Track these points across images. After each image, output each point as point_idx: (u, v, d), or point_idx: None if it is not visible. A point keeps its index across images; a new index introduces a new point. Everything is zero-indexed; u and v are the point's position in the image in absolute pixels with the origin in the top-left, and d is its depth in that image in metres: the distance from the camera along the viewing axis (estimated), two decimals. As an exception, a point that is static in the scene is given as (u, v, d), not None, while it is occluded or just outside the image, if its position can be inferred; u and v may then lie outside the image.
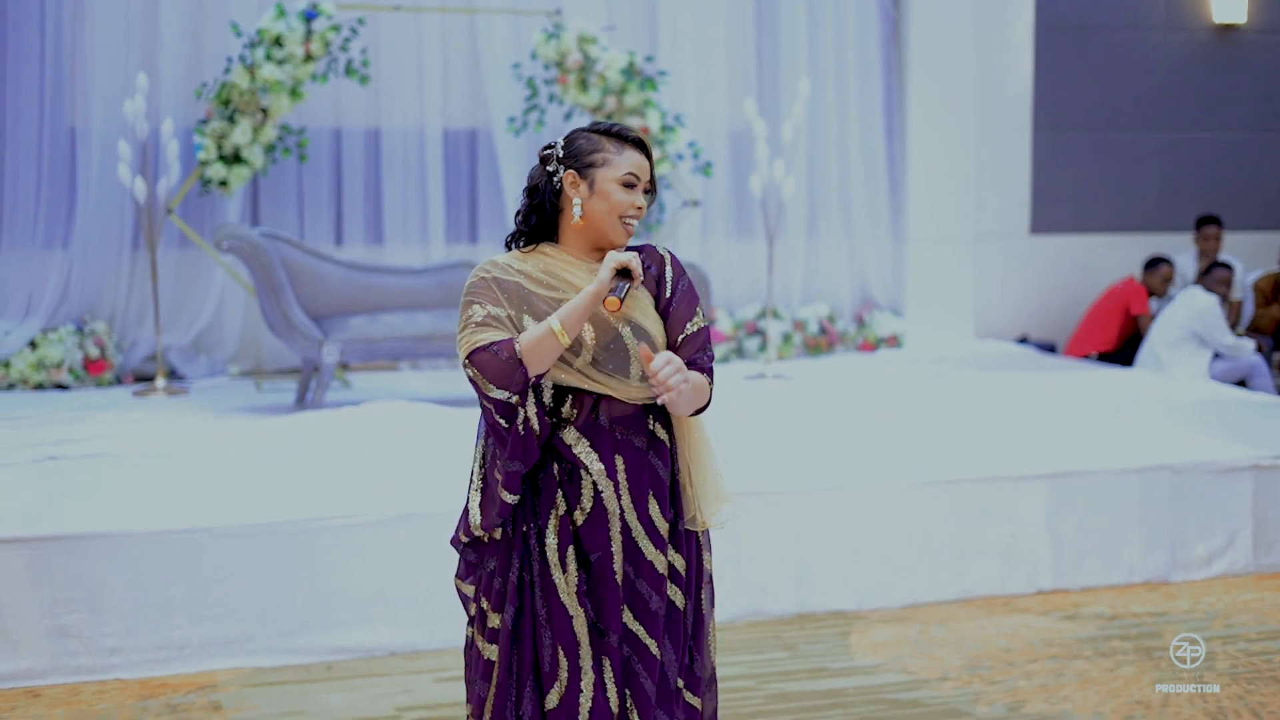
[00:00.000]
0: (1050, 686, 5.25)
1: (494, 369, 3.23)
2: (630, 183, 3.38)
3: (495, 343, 3.24)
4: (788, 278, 10.54)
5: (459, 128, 9.94)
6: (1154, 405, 8.08)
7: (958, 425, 7.44)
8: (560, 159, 3.42)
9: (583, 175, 3.38)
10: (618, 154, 3.39)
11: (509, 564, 3.40)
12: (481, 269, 3.40)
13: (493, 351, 3.23)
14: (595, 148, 3.40)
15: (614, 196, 3.37)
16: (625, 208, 3.38)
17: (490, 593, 3.42)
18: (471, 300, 3.34)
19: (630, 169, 3.39)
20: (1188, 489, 6.57)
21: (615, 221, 3.39)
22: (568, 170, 3.39)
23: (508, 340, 3.25)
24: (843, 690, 5.24)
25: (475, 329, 3.29)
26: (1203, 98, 11.58)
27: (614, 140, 3.42)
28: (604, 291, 3.25)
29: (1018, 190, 11.20)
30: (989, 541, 6.33)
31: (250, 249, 7.76)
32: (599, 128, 3.45)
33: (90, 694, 5.22)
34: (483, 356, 3.24)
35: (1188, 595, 6.34)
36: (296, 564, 5.54)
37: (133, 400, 8.41)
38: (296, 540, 5.55)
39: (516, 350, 3.23)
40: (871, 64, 10.74)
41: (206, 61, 9.30)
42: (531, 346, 3.23)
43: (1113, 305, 10.56)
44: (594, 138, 3.42)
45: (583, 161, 3.39)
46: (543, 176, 3.44)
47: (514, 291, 3.35)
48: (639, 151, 3.43)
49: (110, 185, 9.07)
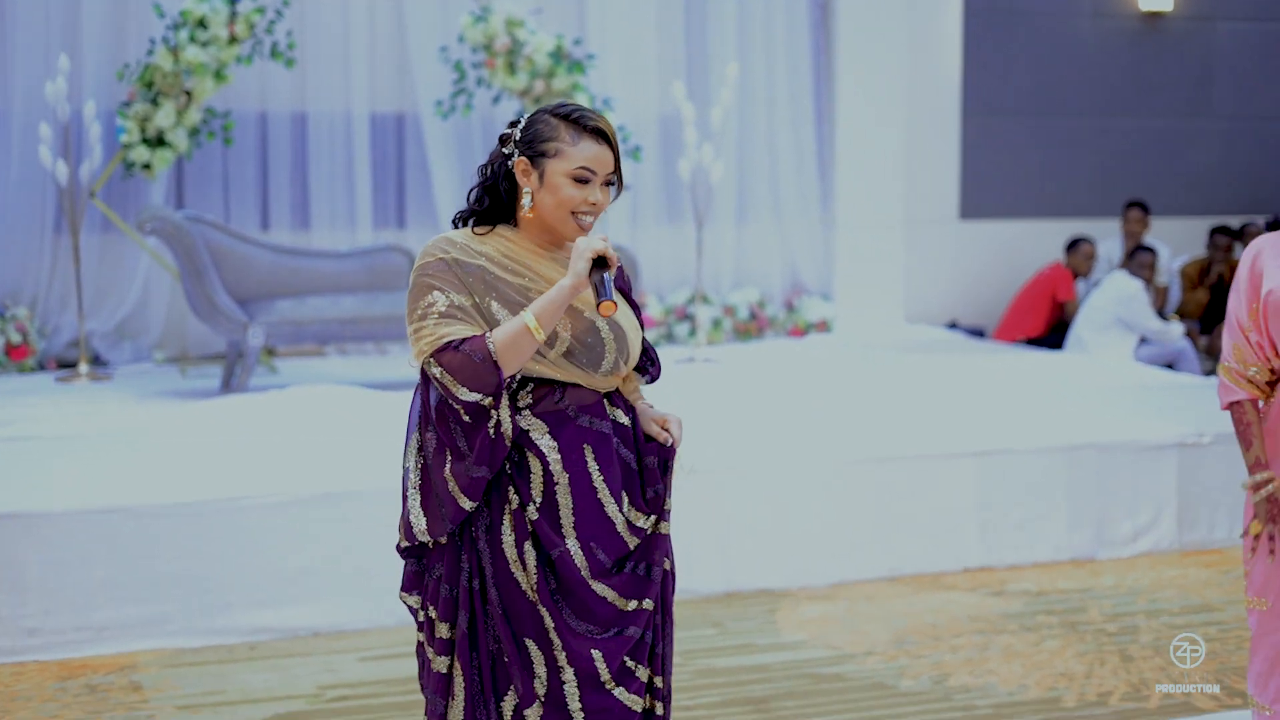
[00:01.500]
0: (975, 660, 5.27)
1: (467, 370, 2.98)
2: (583, 177, 3.10)
3: (465, 340, 3.00)
4: (717, 263, 10.52)
5: (386, 111, 9.86)
6: (1081, 387, 8.12)
7: (887, 406, 7.46)
8: (517, 142, 3.16)
9: (534, 164, 3.12)
10: (572, 144, 3.11)
11: (457, 569, 3.15)
12: (437, 247, 3.13)
13: (465, 352, 2.98)
14: (550, 135, 3.12)
15: (563, 191, 3.10)
16: (575, 203, 3.11)
17: (438, 600, 3.16)
18: (430, 284, 3.07)
19: (584, 162, 3.10)
20: (1113, 467, 6.61)
21: (566, 217, 3.12)
22: (520, 156, 3.14)
23: (479, 338, 3.01)
24: (768, 665, 5.24)
25: (439, 320, 3.03)
26: (1130, 83, 11.65)
27: (571, 128, 3.13)
28: (582, 285, 3.01)
29: (947, 175, 11.23)
30: (917, 519, 6.34)
31: (173, 230, 7.67)
32: (561, 110, 3.16)
33: (8, 675, 5.16)
34: (452, 357, 2.99)
35: (1113, 572, 6.38)
36: (218, 544, 5.49)
37: (55, 386, 8.29)
38: (218, 520, 5.49)
39: (491, 350, 2.99)
40: (801, 48, 10.73)
41: (129, 43, 9.16)
42: (506, 345, 3.00)
43: (1040, 291, 10.61)
44: (552, 123, 3.14)
45: (535, 149, 3.12)
46: (499, 158, 3.19)
47: (478, 276, 3.10)
48: (599, 141, 3.13)
49: (31, 168, 8.92)
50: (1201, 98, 11.83)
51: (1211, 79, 11.83)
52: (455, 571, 3.15)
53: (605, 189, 3.17)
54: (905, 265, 11.11)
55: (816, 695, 4.97)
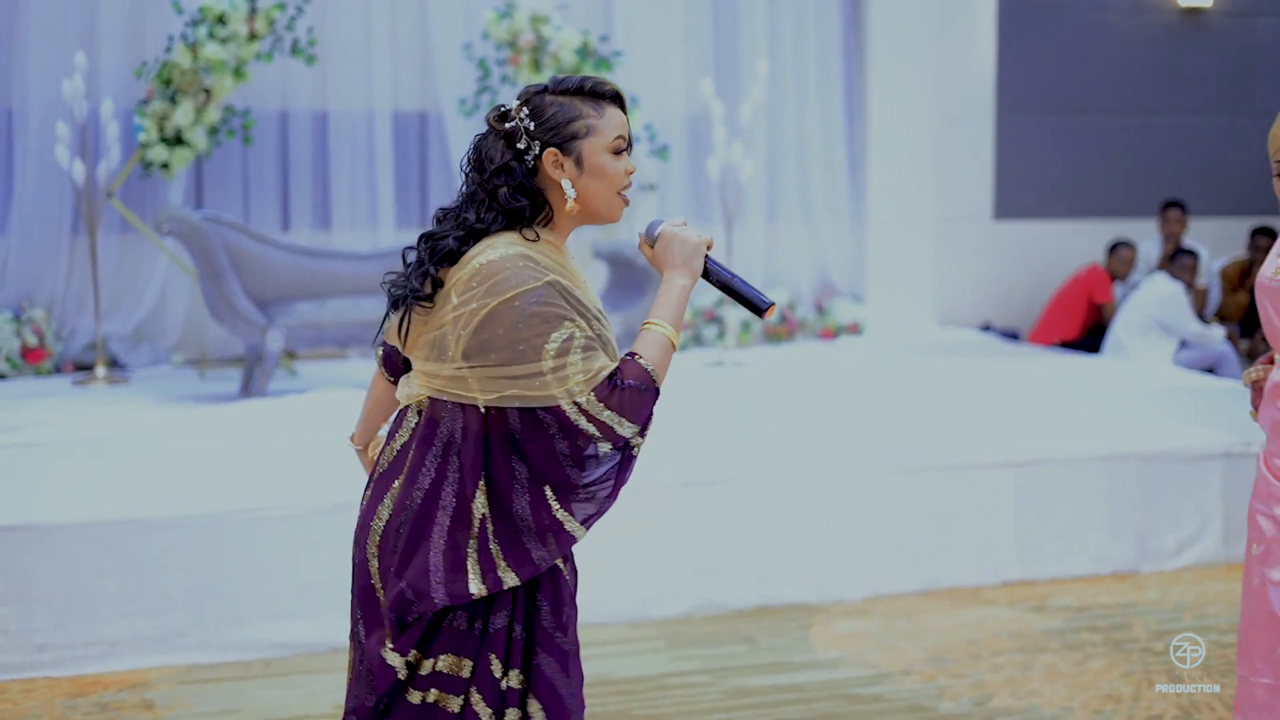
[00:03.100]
0: (1017, 680, 5.08)
1: (635, 404, 2.72)
2: (620, 148, 2.86)
3: (618, 371, 2.73)
4: (746, 263, 10.34)
5: (409, 110, 9.72)
6: (1120, 392, 7.93)
7: (920, 413, 7.28)
8: (531, 134, 2.84)
9: (566, 151, 2.83)
10: (600, 116, 2.85)
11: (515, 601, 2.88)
12: (530, 265, 2.75)
13: (630, 386, 2.72)
14: (572, 115, 2.83)
15: (609, 169, 2.84)
16: (622, 179, 2.87)
17: (504, 647, 2.85)
18: (557, 313, 2.72)
19: (618, 131, 2.86)
20: (1156, 477, 6.41)
21: (614, 198, 2.88)
22: (547, 148, 2.83)
23: (633, 364, 2.74)
24: (803, 685, 5.06)
25: (585, 355, 2.71)
26: (1168, 81, 11.44)
27: (590, 101, 2.86)
28: (696, 280, 2.83)
29: (981, 175, 11.05)
30: (953, 532, 6.15)
31: (191, 232, 7.53)
32: (565, 86, 2.87)
33: (17, 692, 5.01)
34: (621, 394, 2.71)
35: (1156, 586, 6.18)
36: (233, 556, 5.33)
37: (72, 390, 8.16)
38: (233, 531, 5.33)
39: (652, 375, 2.74)
40: (831, 45, 10.56)
41: (148, 40, 9.02)
42: (660, 365, 2.76)
43: (1076, 293, 10.43)
44: (567, 103, 2.85)
45: (563, 134, 2.83)
46: (508, 153, 2.85)
47: (576, 299, 2.78)
48: (617, 105, 2.90)
49: (48, 168, 8.79)
50: (1241, 95, 11.61)
51: (1251, 76, 11.61)
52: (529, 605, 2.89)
53: None
54: (937, 266, 10.93)
55: (855, 718, 4.78)
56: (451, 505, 2.82)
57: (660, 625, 5.66)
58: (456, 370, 2.78)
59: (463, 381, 2.78)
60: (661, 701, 4.90)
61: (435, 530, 2.83)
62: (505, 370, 2.73)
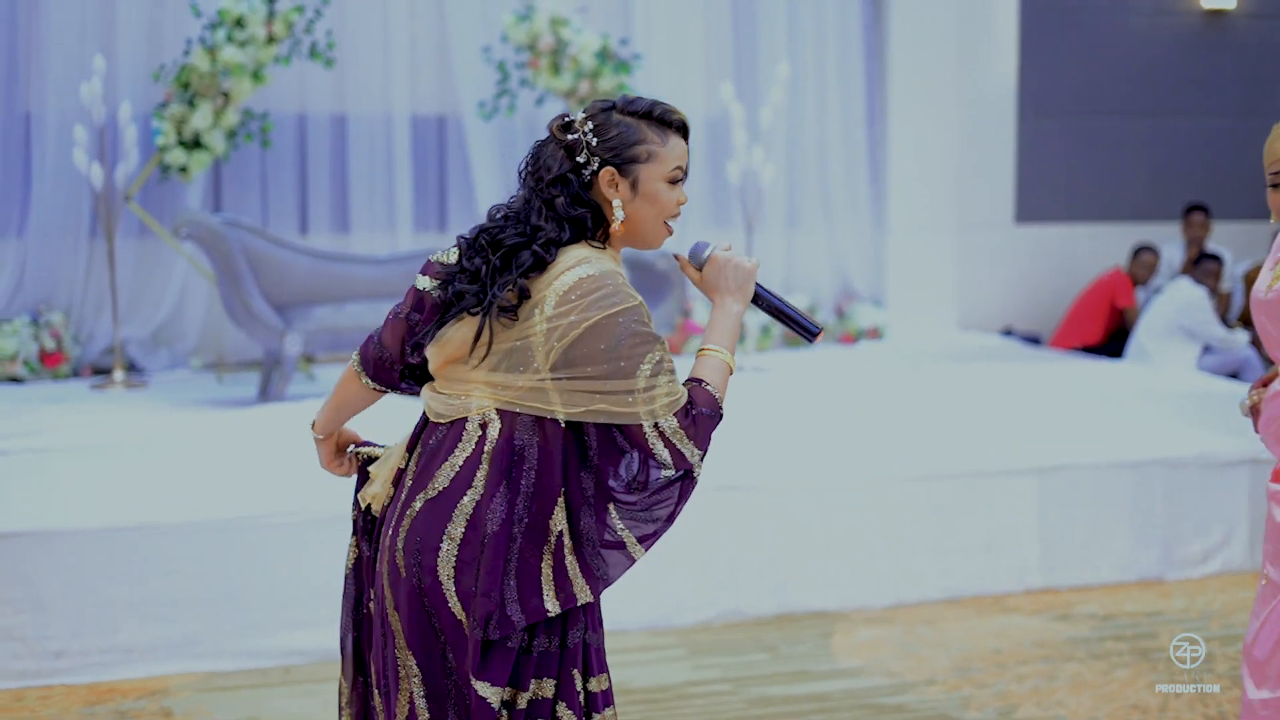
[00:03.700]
0: (1043, 690, 5.02)
1: (705, 431, 2.75)
2: (677, 178, 2.84)
3: (692, 400, 2.74)
4: (766, 268, 10.29)
5: (427, 113, 9.68)
6: (1143, 398, 7.85)
7: (942, 419, 7.22)
8: (592, 149, 2.81)
9: (624, 173, 2.81)
10: (663, 144, 2.82)
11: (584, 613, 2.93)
12: (625, 283, 2.78)
13: (703, 412, 2.74)
14: (636, 138, 2.81)
15: (662, 198, 2.83)
16: (671, 209, 2.85)
17: (586, 657, 2.90)
18: (652, 334, 2.73)
19: (678, 161, 2.83)
20: (1182, 484, 6.34)
21: (660, 226, 2.86)
22: (605, 166, 2.81)
23: (703, 390, 2.77)
24: (827, 694, 5.00)
25: (671, 379, 2.72)
26: (1191, 83, 11.36)
27: (657, 127, 2.83)
28: (747, 305, 2.86)
29: (1002, 178, 10.98)
30: (976, 539, 6.09)
31: (209, 236, 7.50)
32: (636, 108, 2.84)
33: (34, 700, 4.98)
34: (694, 422, 2.73)
35: (1183, 594, 6.11)
36: (251, 562, 5.29)
37: (90, 394, 8.14)
38: (251, 537, 5.29)
39: (719, 402, 2.77)
40: (852, 47, 10.50)
41: (166, 43, 9.00)
42: (723, 390, 2.79)
43: (1098, 297, 10.36)
44: (633, 125, 2.82)
45: (624, 156, 2.80)
46: (567, 164, 2.82)
47: None
48: (681, 136, 2.86)
49: (66, 172, 8.77)
50: (1265, 97, 11.52)
51: (1275, 78, 11.53)
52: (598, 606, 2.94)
53: None
54: (959, 270, 10.87)
55: (877, 728, 4.74)
56: (525, 522, 2.78)
57: (681, 633, 5.61)
58: (539, 382, 2.74)
59: (543, 394, 2.75)
60: (683, 711, 4.85)
61: (511, 548, 2.78)
62: (601, 385, 2.70)
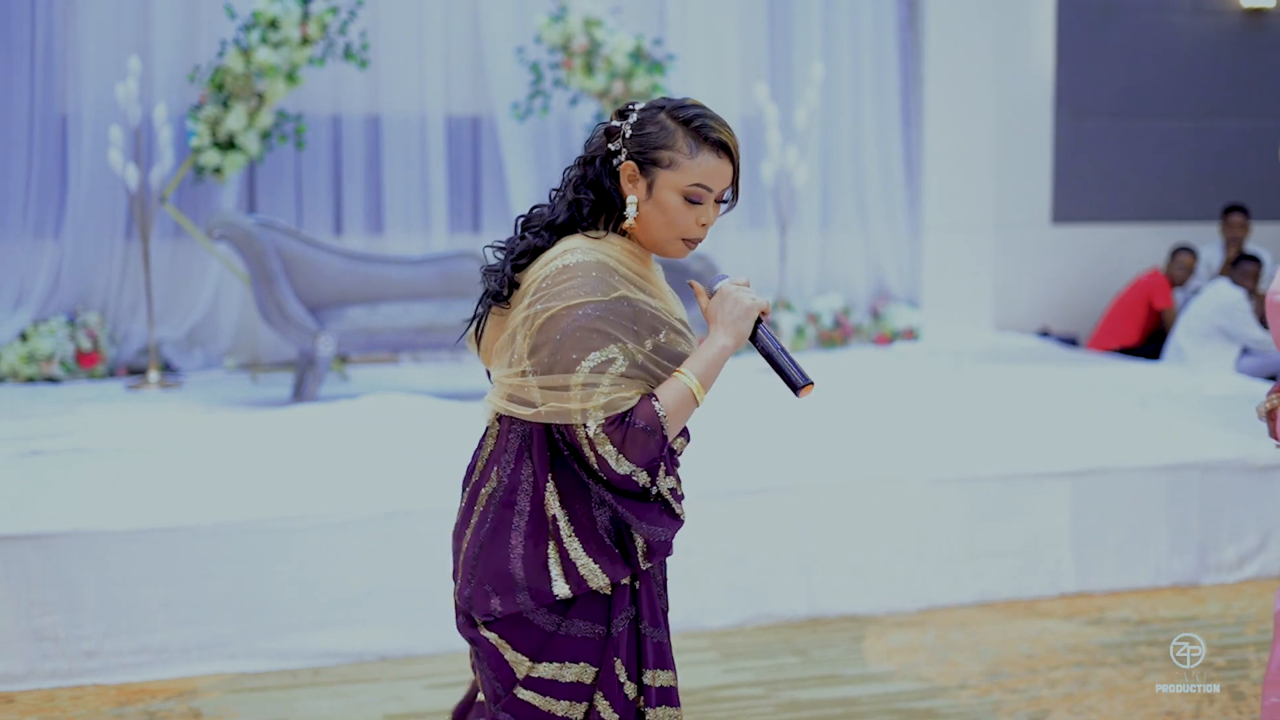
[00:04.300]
0: (1075, 695, 4.98)
1: (636, 444, 2.64)
2: (697, 196, 2.70)
3: (632, 411, 2.64)
4: (801, 269, 10.27)
5: (461, 114, 9.69)
6: (1180, 400, 7.79)
7: (977, 420, 7.17)
8: (625, 140, 2.75)
9: (643, 171, 2.72)
10: (690, 155, 2.70)
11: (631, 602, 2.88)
12: (606, 275, 2.68)
13: (637, 426, 2.62)
14: (665, 141, 2.71)
15: (672, 210, 2.71)
16: (686, 228, 2.72)
17: (629, 648, 2.84)
18: (609, 333, 2.65)
19: (699, 178, 2.69)
20: (1217, 488, 6.28)
21: (673, 239, 2.74)
22: (628, 159, 2.74)
23: (647, 404, 2.65)
24: (856, 699, 4.97)
25: (616, 382, 2.64)
26: (1230, 83, 11.27)
27: (691, 136, 2.72)
28: (741, 344, 2.72)
29: (1039, 178, 10.92)
30: (1009, 542, 6.04)
31: (242, 237, 7.52)
32: (681, 113, 2.74)
33: (66, 699, 4.99)
34: (624, 432, 2.63)
35: (1218, 599, 6.05)
36: (281, 563, 5.29)
37: (125, 394, 8.18)
38: (281, 539, 5.30)
39: (662, 420, 2.64)
40: (887, 47, 10.46)
41: (201, 45, 9.04)
42: (675, 413, 2.66)
43: (1136, 298, 10.29)
44: (669, 126, 2.73)
45: (647, 155, 2.72)
46: (602, 151, 2.79)
47: (648, 312, 2.71)
48: (720, 155, 2.72)
49: (102, 173, 8.82)
50: (1304, 98, 11.44)
51: (1316, 78, 11.44)
52: (651, 599, 2.88)
53: (717, 206, 2.77)
54: (995, 271, 10.81)
55: (906, 733, 4.71)
56: (526, 510, 2.78)
57: (712, 636, 5.59)
58: (521, 372, 2.72)
59: (527, 386, 2.72)
60: (713, 714, 4.83)
61: (514, 535, 2.78)
62: (545, 379, 2.68)
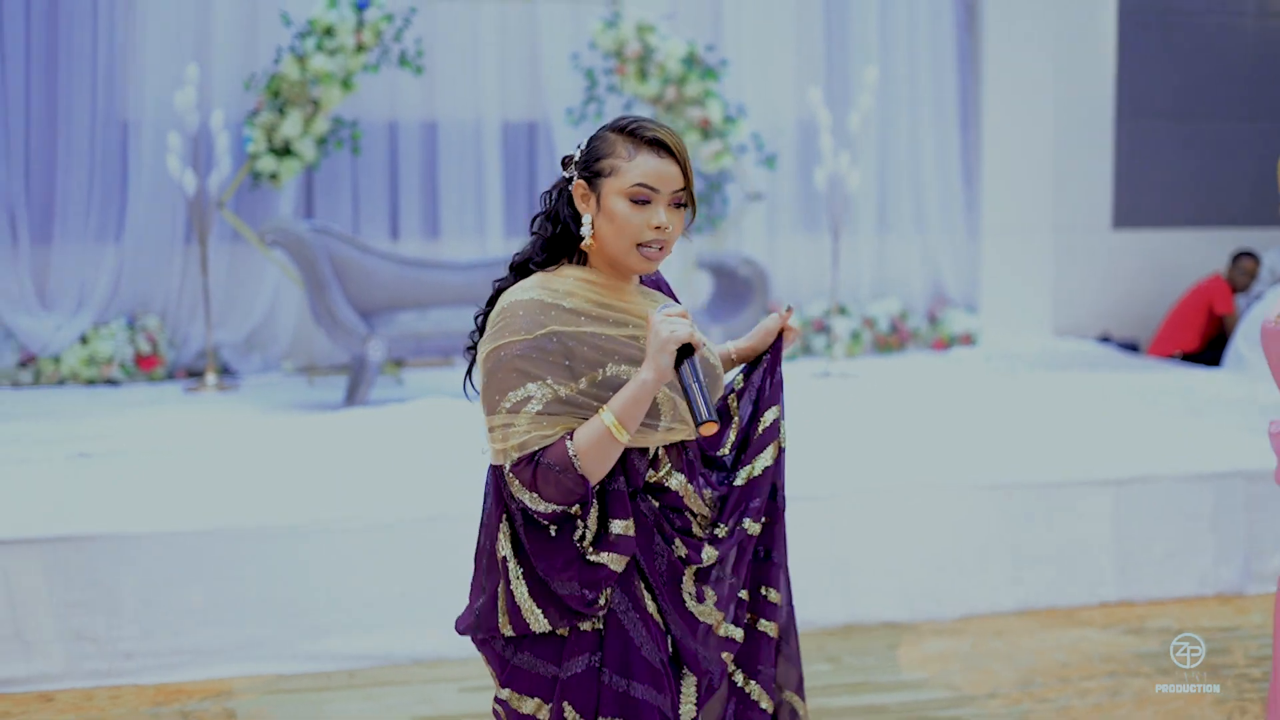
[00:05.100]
0: (1104, 706, 4.94)
1: (547, 483, 2.60)
2: (641, 196, 2.64)
3: (544, 451, 2.60)
4: (856, 273, 10.24)
5: (517, 120, 9.74)
6: (1236, 407, 7.70)
7: (1026, 426, 7.12)
8: (576, 163, 2.75)
9: (591, 186, 2.70)
10: (628, 159, 2.66)
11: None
12: (530, 317, 2.65)
13: (546, 465, 2.58)
14: (605, 151, 2.69)
15: (619, 216, 2.65)
16: (638, 230, 2.66)
17: (587, 693, 2.78)
18: (526, 370, 2.62)
19: (640, 178, 2.65)
20: (1263, 497, 6.20)
21: (629, 249, 2.68)
22: (579, 179, 2.72)
23: (560, 445, 2.59)
24: (884, 706, 4.95)
25: (533, 421, 2.61)
26: (1294, 86, 11.15)
27: (628, 140, 2.69)
28: (664, 378, 2.59)
29: (1099, 182, 10.83)
30: (1051, 550, 6.00)
31: (295, 243, 7.60)
32: (619, 124, 2.73)
33: (104, 699, 5.06)
34: (532, 471, 2.60)
35: (1261, 609, 5.98)
36: (318, 566, 5.35)
37: (182, 396, 8.29)
38: (318, 542, 5.35)
39: (574, 463, 2.58)
40: (945, 50, 10.41)
41: (258, 52, 9.15)
42: (589, 452, 2.59)
43: (1197, 304, 10.19)
44: (609, 138, 2.70)
45: (592, 169, 2.69)
46: (560, 183, 2.79)
47: (589, 343, 2.66)
48: (660, 154, 2.67)
49: (161, 179, 8.96)
50: (1371, 100, 11.28)
51: (1383, 80, 11.28)
52: (626, 648, 2.79)
53: (675, 211, 2.69)
54: (1055, 276, 10.74)
55: (930, 742, 4.69)
56: (487, 547, 2.82)
57: (745, 642, 5.58)
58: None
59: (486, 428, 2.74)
60: (738, 721, 4.83)
61: (479, 570, 2.85)
62: (486, 421, 2.70)
